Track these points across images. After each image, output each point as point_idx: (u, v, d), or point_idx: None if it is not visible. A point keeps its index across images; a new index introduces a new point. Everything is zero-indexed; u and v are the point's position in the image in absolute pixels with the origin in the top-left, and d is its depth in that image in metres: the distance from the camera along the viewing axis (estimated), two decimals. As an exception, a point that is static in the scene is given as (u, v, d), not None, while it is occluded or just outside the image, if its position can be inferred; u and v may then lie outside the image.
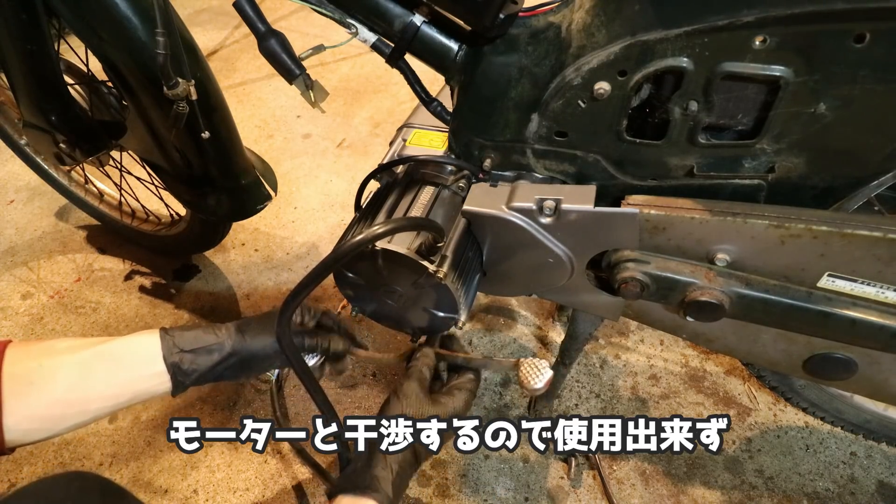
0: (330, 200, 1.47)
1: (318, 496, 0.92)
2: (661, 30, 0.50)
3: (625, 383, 1.06)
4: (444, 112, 0.68)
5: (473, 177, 0.69)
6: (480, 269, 0.72)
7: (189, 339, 0.65)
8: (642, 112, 0.58)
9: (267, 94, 1.85)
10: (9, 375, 0.56)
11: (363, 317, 0.77)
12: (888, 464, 0.95)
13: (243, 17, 0.61)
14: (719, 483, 0.93)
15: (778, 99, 0.51)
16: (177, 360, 0.63)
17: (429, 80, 0.66)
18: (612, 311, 0.73)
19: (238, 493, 0.93)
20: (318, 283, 0.57)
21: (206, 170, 0.93)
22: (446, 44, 0.61)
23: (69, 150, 0.92)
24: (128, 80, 0.82)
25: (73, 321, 1.20)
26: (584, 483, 0.93)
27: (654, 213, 0.59)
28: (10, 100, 1.11)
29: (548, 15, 0.59)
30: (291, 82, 0.63)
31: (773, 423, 1.00)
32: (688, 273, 0.61)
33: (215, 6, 2.38)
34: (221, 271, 1.30)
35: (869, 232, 0.52)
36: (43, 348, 0.61)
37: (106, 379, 0.61)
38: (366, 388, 1.06)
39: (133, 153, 1.00)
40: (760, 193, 0.59)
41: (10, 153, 1.33)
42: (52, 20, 0.85)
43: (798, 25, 0.46)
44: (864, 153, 0.54)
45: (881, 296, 0.57)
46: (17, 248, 1.37)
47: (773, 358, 0.70)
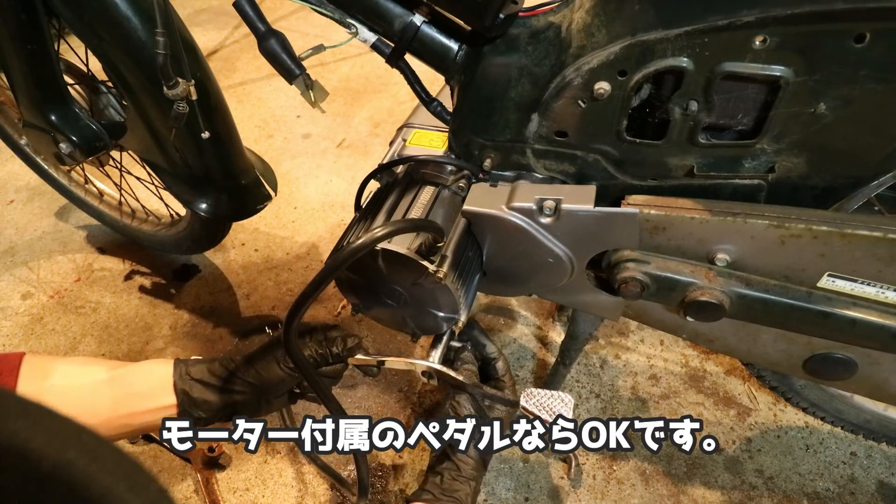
0: (330, 200, 1.47)
1: (318, 496, 0.92)
2: (661, 30, 0.50)
3: (625, 383, 1.06)
4: (444, 112, 0.68)
5: (473, 177, 0.69)
6: (480, 269, 0.72)
7: (201, 370, 0.65)
8: (642, 112, 0.58)
9: (267, 94, 1.85)
10: (21, 393, 0.56)
11: (363, 317, 0.77)
12: (888, 464, 0.95)
13: (243, 17, 0.61)
14: (719, 483, 0.93)
15: (778, 99, 0.51)
16: (187, 388, 0.63)
17: (429, 80, 0.66)
18: (612, 311, 0.73)
19: (238, 493, 0.93)
20: (320, 291, 0.58)
21: (206, 170, 0.93)
22: (446, 44, 0.61)
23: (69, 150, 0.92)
24: (128, 80, 0.82)
25: (73, 321, 1.20)
26: (584, 483, 0.93)
27: (654, 213, 0.59)
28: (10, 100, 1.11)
29: (548, 15, 0.59)
30: (291, 82, 0.63)
31: (773, 423, 1.00)
32: (688, 273, 0.61)
33: (215, 6, 2.38)
34: (221, 271, 1.30)
35: (869, 232, 0.52)
36: (56, 368, 0.60)
37: (115, 406, 0.61)
38: (366, 388, 1.06)
39: (133, 153, 1.00)
40: (760, 193, 0.59)
41: (10, 153, 1.33)
42: (52, 20, 0.85)
43: (798, 25, 0.46)
44: (864, 153, 0.54)
45: (881, 296, 0.57)
46: (17, 248, 1.37)
47: (773, 358, 0.70)
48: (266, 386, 0.67)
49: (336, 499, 0.92)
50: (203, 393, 0.64)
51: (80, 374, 0.61)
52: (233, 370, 0.66)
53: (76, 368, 0.62)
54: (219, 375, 0.65)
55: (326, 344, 0.70)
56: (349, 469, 0.95)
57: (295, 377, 0.67)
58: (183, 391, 0.63)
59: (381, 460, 0.96)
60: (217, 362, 0.67)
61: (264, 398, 0.69)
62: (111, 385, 0.61)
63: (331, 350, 0.69)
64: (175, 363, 0.65)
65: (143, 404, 0.62)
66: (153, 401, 0.63)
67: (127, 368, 0.64)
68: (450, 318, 0.69)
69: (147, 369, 0.64)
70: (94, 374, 0.62)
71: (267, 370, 0.66)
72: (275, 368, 0.66)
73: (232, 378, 0.66)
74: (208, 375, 0.65)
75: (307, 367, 0.63)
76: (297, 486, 0.94)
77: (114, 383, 0.62)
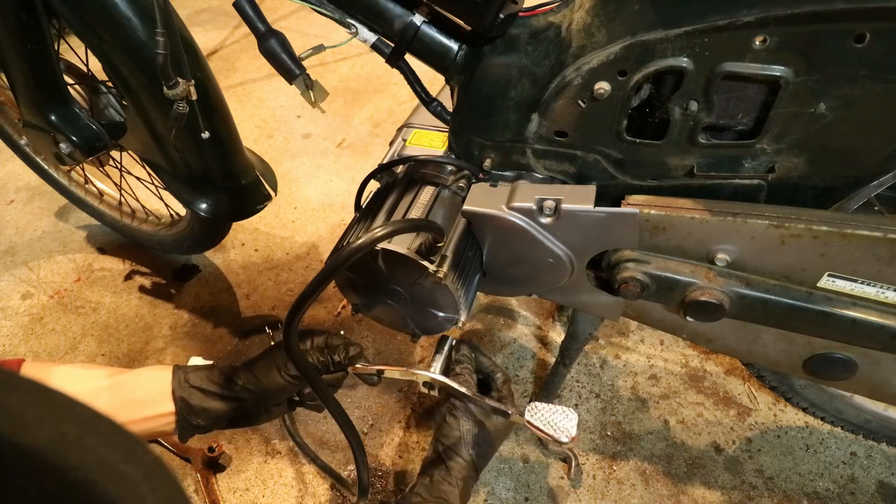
0: (330, 200, 1.47)
1: (318, 496, 0.92)
2: (661, 30, 0.50)
3: (625, 383, 1.06)
4: (444, 112, 0.68)
5: (473, 177, 0.69)
6: (480, 269, 0.72)
7: (200, 377, 0.65)
8: (642, 112, 0.58)
9: (267, 94, 1.85)
10: None
11: (363, 317, 0.77)
12: (888, 464, 0.95)
13: (243, 17, 0.61)
14: (719, 483, 0.93)
15: (778, 99, 0.51)
16: (186, 396, 0.63)
17: (429, 80, 0.66)
18: (612, 311, 0.73)
19: (238, 493, 0.93)
20: (320, 292, 0.58)
21: (206, 170, 0.93)
22: (446, 44, 0.61)
23: (69, 150, 0.92)
24: (128, 80, 0.82)
25: (73, 321, 1.20)
26: (584, 483, 0.93)
27: (654, 213, 0.59)
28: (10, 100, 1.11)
29: (548, 15, 0.59)
30: (291, 82, 0.63)
31: (773, 423, 1.00)
32: (688, 273, 0.61)
33: (215, 6, 2.38)
34: (221, 271, 1.30)
35: (869, 232, 0.52)
36: (54, 374, 0.60)
37: (112, 413, 0.60)
38: (366, 388, 1.06)
39: (133, 153, 1.00)
40: (760, 193, 0.59)
41: (10, 153, 1.33)
42: (52, 20, 0.85)
43: (798, 25, 0.46)
44: (864, 153, 0.54)
45: (881, 296, 0.57)
46: (17, 248, 1.37)
47: (773, 358, 0.70)
48: (266, 393, 0.66)
49: (336, 499, 0.92)
50: (202, 400, 0.63)
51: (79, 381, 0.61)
52: (232, 377, 0.66)
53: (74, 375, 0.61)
54: (218, 383, 0.65)
55: (328, 352, 0.69)
56: (349, 469, 0.95)
57: (295, 384, 0.67)
58: (182, 399, 0.62)
59: (380, 460, 0.96)
60: (216, 369, 0.66)
61: (264, 406, 0.68)
62: (109, 392, 0.61)
63: (332, 358, 0.69)
64: (174, 370, 0.64)
65: (142, 412, 0.62)
66: (152, 408, 0.62)
67: (125, 376, 0.63)
68: (450, 318, 0.69)
69: (146, 376, 0.64)
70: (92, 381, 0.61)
71: (267, 377, 0.66)
72: (275, 375, 0.66)
73: (231, 385, 0.65)
74: (207, 383, 0.65)
75: (307, 368, 0.62)
76: (297, 486, 0.94)
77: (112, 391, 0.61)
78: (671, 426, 1.00)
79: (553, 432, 0.64)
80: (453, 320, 0.69)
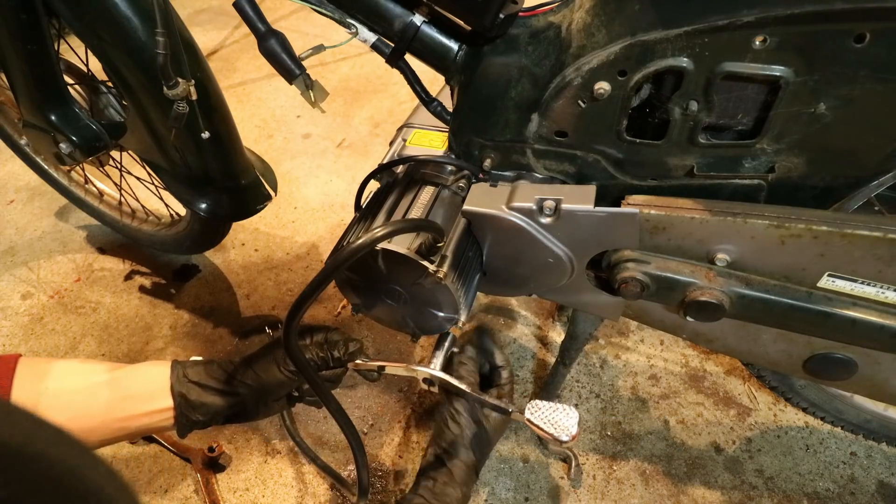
0: (330, 200, 1.47)
1: (318, 496, 0.92)
2: (661, 30, 0.50)
3: (625, 383, 1.06)
4: (444, 112, 0.68)
5: (473, 177, 0.69)
6: (480, 269, 0.72)
7: (199, 372, 0.65)
8: (642, 112, 0.58)
9: (267, 94, 1.85)
10: (16, 398, 0.55)
11: (363, 317, 0.77)
12: (888, 464, 0.95)
13: (243, 17, 0.61)
14: (719, 483, 0.93)
15: (778, 99, 0.51)
16: (184, 391, 0.62)
17: (429, 80, 0.66)
18: (612, 311, 0.73)
19: (238, 493, 0.93)
20: (320, 292, 0.57)
21: (206, 170, 0.93)
22: (446, 44, 0.61)
23: (69, 150, 0.92)
24: (128, 80, 0.82)
25: (73, 321, 1.20)
26: (584, 483, 0.93)
27: (654, 213, 0.59)
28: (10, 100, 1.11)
29: (548, 15, 0.59)
30: (291, 82, 0.63)
31: (773, 423, 1.00)
32: (688, 273, 0.61)
33: (215, 6, 2.38)
34: (221, 271, 1.30)
35: (869, 232, 0.52)
36: (52, 370, 0.59)
37: (111, 409, 0.60)
38: (366, 388, 1.06)
39: (133, 153, 1.00)
40: (760, 193, 0.59)
41: (10, 153, 1.33)
42: (52, 20, 0.85)
43: (798, 25, 0.46)
44: (864, 153, 0.54)
45: (881, 296, 0.57)
46: (17, 248, 1.37)
47: (773, 358, 0.70)
48: (265, 388, 0.66)
49: (336, 499, 0.92)
50: (201, 396, 0.63)
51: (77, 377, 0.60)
52: (231, 372, 0.65)
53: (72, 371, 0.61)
54: (217, 378, 0.65)
55: (327, 347, 0.69)
56: (349, 469, 0.95)
57: (294, 380, 0.67)
58: (180, 394, 0.62)
59: (380, 461, 0.97)
60: (215, 364, 0.66)
61: (263, 401, 0.68)
62: (107, 388, 0.61)
63: (331, 354, 0.69)
64: (172, 365, 0.64)
65: (140, 407, 0.62)
66: (150, 404, 0.62)
67: (124, 371, 0.63)
68: (450, 318, 0.69)
69: (144, 372, 0.64)
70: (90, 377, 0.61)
71: (266, 372, 0.66)
72: (274, 371, 0.66)
73: (230, 380, 0.65)
74: (206, 378, 0.64)
75: (307, 368, 0.62)
76: (297, 486, 0.94)
77: (110, 386, 0.61)
78: (671, 426, 1.00)
79: (554, 431, 0.64)
80: (453, 320, 0.69)
